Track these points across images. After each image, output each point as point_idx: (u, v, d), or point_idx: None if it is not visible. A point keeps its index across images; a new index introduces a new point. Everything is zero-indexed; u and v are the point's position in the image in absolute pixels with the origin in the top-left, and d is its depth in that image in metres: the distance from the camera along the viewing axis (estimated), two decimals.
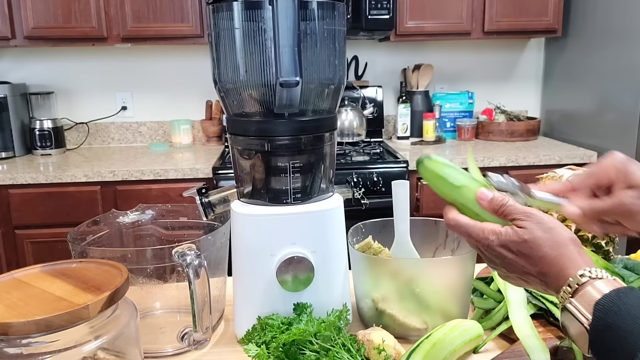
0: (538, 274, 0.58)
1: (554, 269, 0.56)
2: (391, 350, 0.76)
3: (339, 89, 0.89)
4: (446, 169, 0.66)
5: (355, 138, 2.77)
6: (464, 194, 0.64)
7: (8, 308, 0.59)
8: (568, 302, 0.54)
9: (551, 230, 0.58)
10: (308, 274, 0.83)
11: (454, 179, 0.65)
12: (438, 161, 0.67)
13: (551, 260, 0.56)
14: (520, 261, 0.59)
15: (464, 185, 0.64)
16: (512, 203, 0.61)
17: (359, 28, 2.49)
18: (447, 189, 0.65)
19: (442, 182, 0.65)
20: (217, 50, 0.84)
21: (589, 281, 0.53)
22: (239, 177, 0.89)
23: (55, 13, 2.42)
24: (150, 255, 0.82)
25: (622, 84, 2.35)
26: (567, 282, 0.54)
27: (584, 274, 0.54)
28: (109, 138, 2.94)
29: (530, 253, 0.57)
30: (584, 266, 0.55)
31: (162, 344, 0.86)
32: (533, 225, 0.58)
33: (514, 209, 0.60)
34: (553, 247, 0.57)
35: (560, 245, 0.57)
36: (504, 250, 0.59)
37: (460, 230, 0.64)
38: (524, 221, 0.59)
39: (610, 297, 0.51)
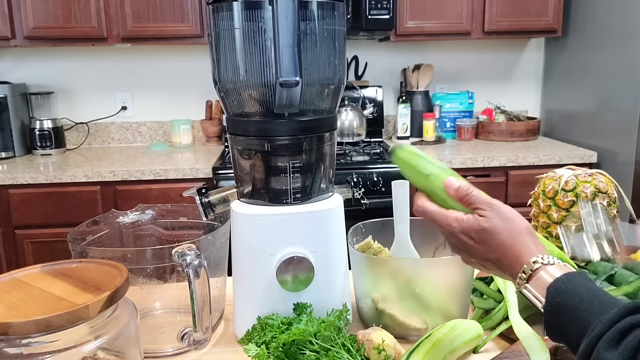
0: (495, 260, 0.62)
1: (509, 255, 0.60)
2: (391, 350, 0.76)
3: (339, 89, 0.89)
4: (417, 159, 0.70)
5: (355, 138, 2.77)
6: (433, 182, 0.68)
7: (8, 308, 0.59)
8: (523, 287, 0.58)
9: (509, 220, 0.62)
10: (308, 274, 0.83)
11: (423, 168, 0.69)
12: (409, 151, 0.71)
13: (507, 247, 0.60)
14: (479, 247, 0.62)
15: (433, 174, 0.68)
16: (476, 193, 0.65)
17: (359, 28, 2.49)
18: (416, 177, 0.70)
19: (412, 170, 0.70)
20: (217, 50, 0.84)
21: (542, 267, 0.57)
22: (239, 177, 0.89)
23: (55, 13, 2.42)
24: (150, 255, 0.82)
25: (622, 84, 2.35)
26: (522, 268, 0.58)
27: (537, 260, 0.58)
28: (109, 138, 2.94)
29: (489, 240, 0.61)
30: (537, 253, 0.59)
31: (162, 344, 0.86)
32: (493, 215, 0.62)
33: (477, 199, 0.64)
34: (509, 235, 0.61)
35: (516, 234, 0.61)
36: (464, 237, 0.64)
37: (426, 216, 0.68)
38: (485, 210, 0.63)
39: (561, 279, 0.55)
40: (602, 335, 0.49)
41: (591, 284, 0.54)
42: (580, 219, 0.99)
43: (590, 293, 0.53)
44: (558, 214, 0.99)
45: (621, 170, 2.33)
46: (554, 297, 0.54)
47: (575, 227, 1.00)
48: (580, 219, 0.99)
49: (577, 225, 0.99)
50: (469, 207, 0.65)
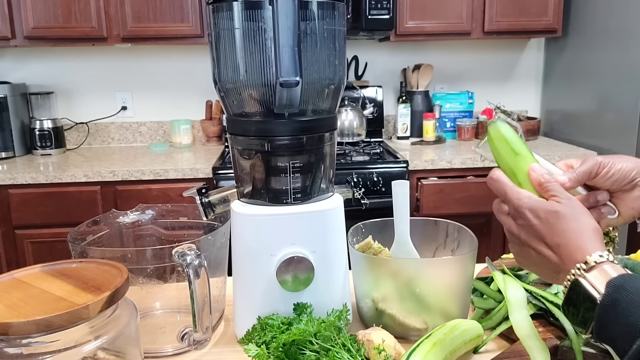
0: (554, 246, 0.60)
1: (572, 244, 0.59)
2: (391, 350, 0.76)
3: (339, 89, 0.89)
4: (514, 136, 0.70)
5: (355, 138, 2.77)
6: (518, 162, 0.68)
7: (8, 308, 0.59)
8: (582, 277, 0.56)
9: (582, 214, 0.61)
10: (308, 274, 0.83)
11: (516, 146, 0.69)
12: (509, 125, 0.71)
13: (572, 235, 0.59)
14: (542, 228, 0.61)
15: (522, 154, 0.69)
16: (557, 185, 0.65)
17: (359, 28, 2.49)
18: (505, 153, 0.70)
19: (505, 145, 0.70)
20: (217, 50, 0.84)
21: (605, 262, 0.56)
22: (239, 177, 0.89)
23: (55, 13, 2.42)
24: (150, 255, 0.82)
25: (622, 84, 2.35)
26: (585, 258, 0.57)
27: (602, 255, 0.57)
28: (109, 138, 2.94)
29: (555, 223, 0.60)
30: (602, 250, 0.58)
31: (162, 344, 0.86)
32: (568, 203, 0.61)
33: (558, 188, 0.64)
34: (578, 225, 0.60)
35: (585, 228, 0.60)
36: (530, 214, 0.62)
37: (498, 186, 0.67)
38: (561, 198, 0.62)
39: (623, 277, 0.54)
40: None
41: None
42: None
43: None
44: None
45: None
46: (613, 292, 0.53)
47: None
48: None
49: None
50: (546, 194, 0.64)
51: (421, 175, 2.40)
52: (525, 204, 0.63)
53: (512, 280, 0.88)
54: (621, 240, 2.23)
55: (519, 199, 0.64)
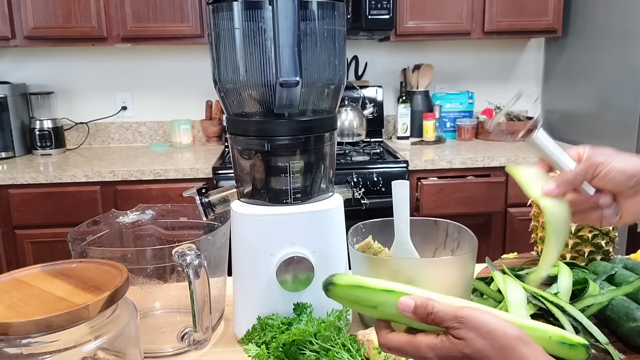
0: None
1: None
2: None
3: (339, 89, 0.89)
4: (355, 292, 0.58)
5: (355, 138, 2.77)
6: (384, 311, 0.57)
7: (8, 308, 0.59)
8: None
9: (491, 334, 0.51)
10: (308, 274, 0.83)
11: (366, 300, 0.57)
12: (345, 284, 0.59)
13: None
14: None
15: (381, 303, 0.57)
16: (438, 309, 0.54)
17: (359, 28, 2.49)
18: (365, 310, 0.59)
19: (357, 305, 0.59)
20: (217, 50, 0.84)
21: None
22: (239, 177, 0.89)
23: (55, 13, 2.42)
24: (150, 255, 0.82)
25: (622, 84, 2.35)
26: None
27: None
28: (109, 138, 2.94)
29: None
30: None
31: (162, 344, 0.86)
32: (471, 335, 0.52)
33: (444, 315, 0.54)
34: (499, 354, 0.51)
35: (507, 350, 0.50)
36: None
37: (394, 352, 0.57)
38: (458, 329, 0.52)
39: None
40: None
41: None
42: None
43: None
44: None
45: None
46: None
47: (576, 227, 1.00)
48: None
49: (577, 226, 0.99)
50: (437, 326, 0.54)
51: (421, 175, 2.40)
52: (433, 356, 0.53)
53: (512, 280, 0.88)
54: (621, 240, 2.23)
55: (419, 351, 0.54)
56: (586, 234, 0.98)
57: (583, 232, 0.99)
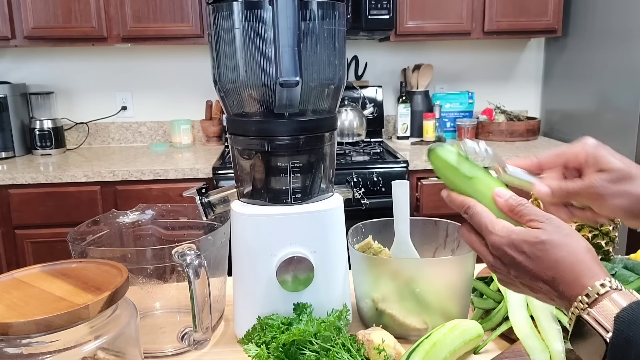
0: (550, 280, 0.54)
1: (569, 275, 0.52)
2: (391, 350, 0.76)
3: (339, 89, 0.89)
4: (459, 159, 0.62)
5: (355, 138, 2.77)
6: (477, 187, 0.60)
7: (8, 308, 0.59)
8: (585, 313, 0.50)
9: (569, 237, 0.54)
10: (308, 274, 0.83)
11: (466, 169, 0.61)
12: (450, 150, 0.63)
13: (567, 266, 0.53)
14: (531, 264, 0.54)
15: (477, 177, 0.61)
16: (530, 205, 0.57)
17: (359, 28, 2.49)
18: (458, 180, 0.62)
19: (454, 172, 0.62)
20: (217, 50, 0.84)
21: (609, 292, 0.50)
22: (239, 177, 0.89)
23: (55, 13, 2.42)
24: (150, 255, 0.82)
25: (622, 84, 2.35)
26: (586, 291, 0.51)
27: (604, 284, 0.51)
28: (109, 138, 2.94)
29: (545, 256, 0.53)
30: (603, 276, 0.52)
31: (162, 344, 0.86)
32: (551, 228, 0.54)
33: (533, 210, 0.56)
34: (571, 252, 0.53)
35: (578, 252, 0.53)
36: (513, 251, 0.55)
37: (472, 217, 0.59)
38: (542, 222, 0.55)
39: (632, 309, 0.48)
40: None
41: None
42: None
43: None
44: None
45: None
46: (624, 329, 0.47)
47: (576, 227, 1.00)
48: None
49: (577, 225, 0.99)
50: (520, 219, 0.57)
51: (421, 175, 2.39)
52: (505, 240, 0.56)
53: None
54: (621, 240, 2.23)
55: (493, 233, 0.56)
56: (586, 234, 0.98)
57: (583, 232, 0.99)
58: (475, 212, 0.59)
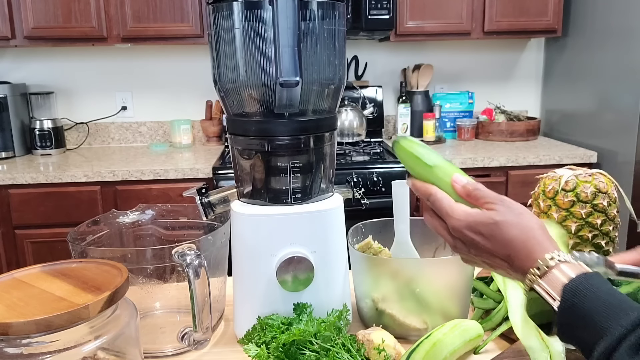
0: (505, 257, 0.59)
1: (522, 252, 0.57)
2: (391, 350, 0.76)
3: (339, 89, 0.89)
4: (421, 149, 0.68)
5: (355, 138, 2.77)
6: (437, 174, 0.66)
7: (8, 308, 0.59)
8: (536, 284, 0.55)
9: (521, 215, 0.59)
10: (308, 274, 0.83)
11: (427, 159, 0.67)
12: (413, 141, 0.69)
13: (519, 243, 0.57)
14: (488, 244, 0.59)
15: (437, 165, 0.66)
16: (484, 189, 0.63)
17: (359, 28, 2.49)
18: (420, 168, 0.68)
19: (416, 161, 0.68)
20: (217, 50, 0.84)
21: (557, 264, 0.55)
22: (239, 177, 0.89)
23: (55, 13, 2.42)
24: (150, 255, 0.82)
25: (622, 84, 2.35)
26: (536, 264, 0.55)
27: (553, 257, 0.55)
28: (109, 138, 2.94)
29: (500, 235, 0.58)
30: (551, 250, 0.56)
31: (162, 344, 0.86)
32: (504, 209, 0.60)
33: (487, 193, 0.62)
34: (522, 230, 0.58)
35: (529, 229, 0.58)
36: (471, 233, 0.60)
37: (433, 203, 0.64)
38: (495, 204, 0.60)
39: (579, 279, 0.53)
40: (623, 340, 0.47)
41: (608, 285, 0.52)
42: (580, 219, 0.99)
43: (608, 295, 0.51)
44: (558, 214, 0.99)
45: (621, 170, 2.33)
46: (570, 297, 0.52)
47: (576, 227, 1.00)
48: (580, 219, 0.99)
49: (577, 226, 0.99)
50: (476, 202, 0.62)
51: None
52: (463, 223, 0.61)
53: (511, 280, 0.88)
54: (621, 240, 2.23)
55: (452, 217, 0.62)
56: (586, 234, 0.98)
57: (583, 232, 0.99)
58: (437, 198, 0.64)
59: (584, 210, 0.97)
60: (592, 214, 0.97)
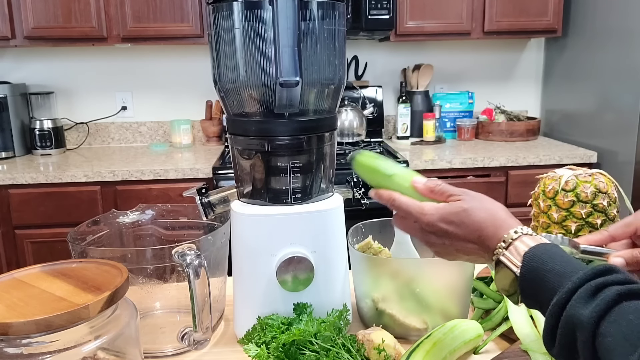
0: (477, 240, 0.64)
1: (490, 230, 0.63)
2: (391, 350, 0.76)
3: (339, 89, 0.89)
4: (377, 161, 0.71)
5: (355, 138, 2.77)
6: (397, 182, 0.69)
7: (8, 308, 0.59)
8: (502, 255, 0.60)
9: (485, 201, 0.65)
10: (308, 274, 0.83)
11: (385, 169, 0.70)
12: (369, 155, 0.72)
13: (488, 223, 0.63)
14: (459, 231, 0.64)
15: (396, 174, 0.69)
16: (445, 184, 0.68)
17: (359, 28, 2.49)
18: (380, 179, 0.71)
19: (375, 173, 0.71)
20: (217, 50, 0.84)
21: (521, 236, 0.60)
22: (239, 177, 0.89)
23: (55, 13, 2.42)
24: (150, 255, 0.82)
25: (622, 84, 2.35)
26: (502, 238, 0.61)
27: (516, 230, 0.61)
28: (109, 138, 2.94)
29: (469, 220, 0.64)
30: (516, 225, 0.62)
31: (162, 344, 0.86)
32: (469, 198, 0.66)
33: (449, 187, 0.67)
34: (489, 212, 0.64)
35: (494, 211, 0.64)
36: (443, 224, 0.65)
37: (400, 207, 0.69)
38: (459, 195, 0.66)
39: (537, 247, 0.58)
40: (574, 292, 0.51)
41: (564, 252, 0.57)
42: (580, 219, 0.99)
43: (563, 259, 0.55)
44: (558, 214, 0.99)
45: (621, 170, 2.33)
46: (529, 262, 0.57)
47: (576, 227, 1.00)
48: (580, 219, 0.99)
49: (577, 225, 0.99)
50: (440, 197, 0.67)
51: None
52: (434, 216, 0.66)
53: None
54: None
55: (425, 213, 0.66)
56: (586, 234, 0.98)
57: (583, 232, 0.99)
58: (401, 202, 0.69)
59: (584, 210, 0.97)
60: (592, 214, 0.97)
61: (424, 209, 0.67)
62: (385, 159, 0.72)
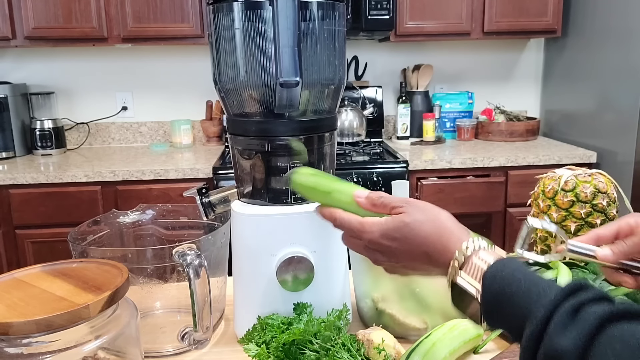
0: (424, 256, 0.59)
1: (437, 246, 0.58)
2: (391, 350, 0.77)
3: (339, 89, 0.89)
4: (314, 179, 0.68)
5: (355, 138, 2.77)
6: (337, 198, 0.66)
7: (8, 308, 0.59)
8: (458, 277, 0.55)
9: (428, 211, 0.60)
10: (308, 274, 0.83)
11: (323, 186, 0.67)
12: (306, 172, 0.69)
13: (434, 238, 0.58)
14: (404, 247, 0.59)
15: (334, 190, 0.66)
16: (388, 195, 0.63)
17: (359, 28, 2.49)
18: (320, 197, 0.67)
19: (313, 191, 0.67)
20: (217, 50, 0.85)
21: (474, 252, 0.55)
22: (239, 177, 0.89)
23: (56, 13, 2.42)
24: (150, 255, 0.82)
25: (622, 84, 2.35)
26: (454, 256, 0.56)
27: (468, 246, 0.56)
28: (109, 138, 2.94)
29: (413, 236, 0.59)
30: (465, 238, 0.57)
31: (162, 343, 0.86)
32: (411, 209, 0.60)
33: (392, 199, 0.62)
34: (434, 224, 0.59)
35: (440, 222, 0.59)
36: (386, 241, 0.60)
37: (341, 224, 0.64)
38: (402, 207, 0.61)
39: (496, 266, 0.53)
40: (549, 320, 0.46)
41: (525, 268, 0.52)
42: (580, 219, 0.99)
43: (527, 277, 0.50)
44: (558, 214, 0.99)
45: (621, 170, 2.33)
46: (491, 284, 0.52)
47: (575, 227, 1.00)
48: (580, 219, 0.99)
49: (577, 225, 1.00)
50: (383, 210, 0.62)
51: (421, 175, 2.40)
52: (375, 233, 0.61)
53: None
54: None
55: (366, 231, 0.61)
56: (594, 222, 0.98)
57: (582, 232, 0.99)
58: (343, 220, 0.64)
59: (583, 210, 0.97)
60: (592, 214, 0.97)
61: (364, 225, 0.62)
62: (324, 174, 0.68)
